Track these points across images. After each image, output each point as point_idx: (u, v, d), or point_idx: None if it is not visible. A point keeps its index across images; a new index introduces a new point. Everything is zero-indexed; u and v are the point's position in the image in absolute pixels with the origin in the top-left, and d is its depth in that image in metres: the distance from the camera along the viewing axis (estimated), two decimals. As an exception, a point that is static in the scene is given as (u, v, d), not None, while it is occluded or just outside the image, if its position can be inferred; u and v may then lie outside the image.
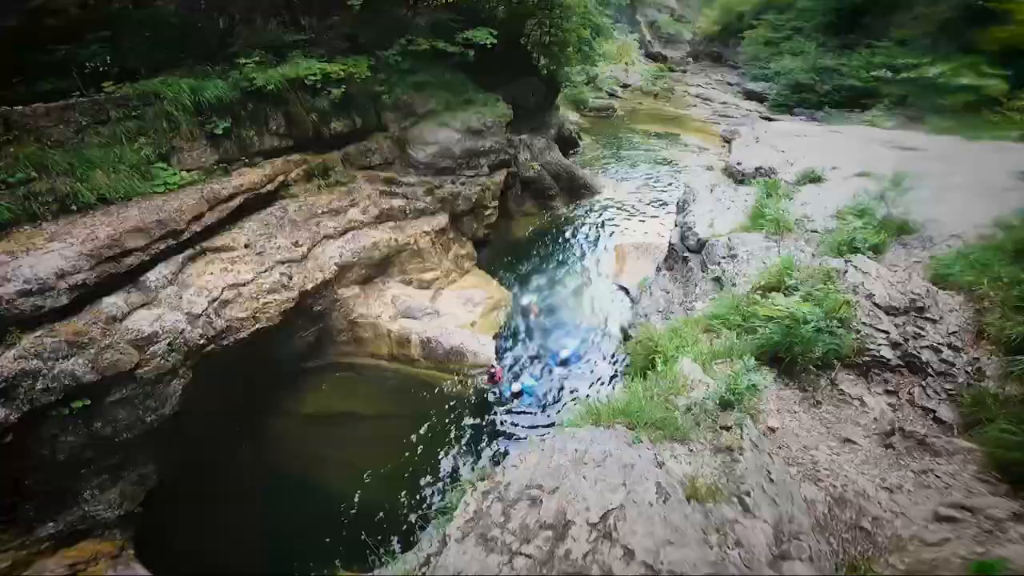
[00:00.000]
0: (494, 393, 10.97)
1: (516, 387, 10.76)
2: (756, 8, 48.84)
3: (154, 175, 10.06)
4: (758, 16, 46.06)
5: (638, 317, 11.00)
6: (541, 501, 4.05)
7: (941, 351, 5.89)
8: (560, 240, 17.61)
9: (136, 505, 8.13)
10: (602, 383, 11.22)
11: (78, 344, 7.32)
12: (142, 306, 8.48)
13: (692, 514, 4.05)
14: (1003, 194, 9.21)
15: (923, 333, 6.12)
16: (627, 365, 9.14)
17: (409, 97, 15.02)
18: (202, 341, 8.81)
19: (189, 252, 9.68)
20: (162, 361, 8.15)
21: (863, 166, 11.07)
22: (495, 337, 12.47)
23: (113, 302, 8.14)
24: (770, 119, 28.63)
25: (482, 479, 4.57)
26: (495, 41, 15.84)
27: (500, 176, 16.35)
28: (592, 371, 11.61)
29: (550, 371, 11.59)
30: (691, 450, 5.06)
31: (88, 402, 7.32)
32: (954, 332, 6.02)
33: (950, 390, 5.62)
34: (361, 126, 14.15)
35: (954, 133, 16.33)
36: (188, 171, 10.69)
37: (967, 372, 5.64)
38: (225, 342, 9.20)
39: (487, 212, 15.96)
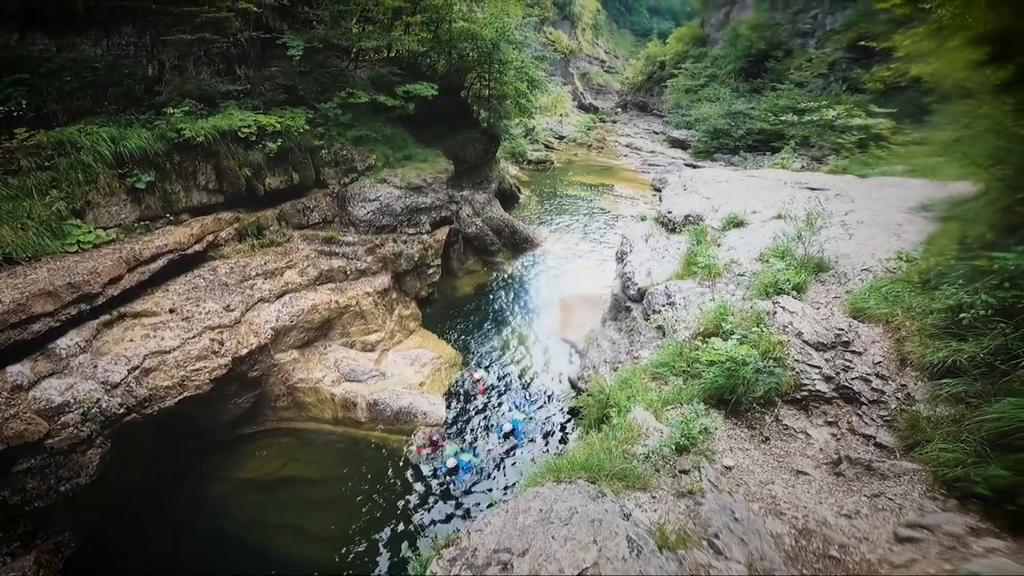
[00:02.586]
0: (431, 466, 10.21)
1: (451, 463, 9.94)
2: (676, 57, 52.99)
3: (66, 233, 9.36)
4: (678, 65, 49.71)
5: (586, 369, 11.00)
6: (512, 565, 3.88)
7: (870, 381, 6.29)
8: (504, 296, 17.56)
9: (54, 573, 7.67)
10: (552, 442, 10.93)
11: (-21, 413, 6.75)
12: (51, 375, 7.95)
13: (666, 564, 3.99)
14: (898, 228, 10.16)
15: (851, 365, 6.54)
16: (579, 418, 9.07)
17: (348, 152, 14.81)
18: (122, 410, 8.26)
19: (105, 318, 9.04)
20: (75, 431, 7.69)
21: (779, 208, 11.69)
22: (445, 396, 12.08)
23: (19, 371, 7.61)
24: (694, 166, 30.68)
25: (447, 545, 4.34)
26: (436, 93, 16.14)
27: (442, 233, 16.23)
28: (540, 434, 11.16)
29: (492, 445, 10.81)
30: (654, 497, 5.06)
31: (-8, 471, 6.75)
32: (879, 362, 6.45)
33: (885, 416, 5.96)
34: (299, 182, 13.74)
35: (850, 172, 18.07)
36: (105, 229, 10.01)
37: (897, 398, 6.01)
38: (149, 411, 8.61)
39: (430, 271, 15.69)
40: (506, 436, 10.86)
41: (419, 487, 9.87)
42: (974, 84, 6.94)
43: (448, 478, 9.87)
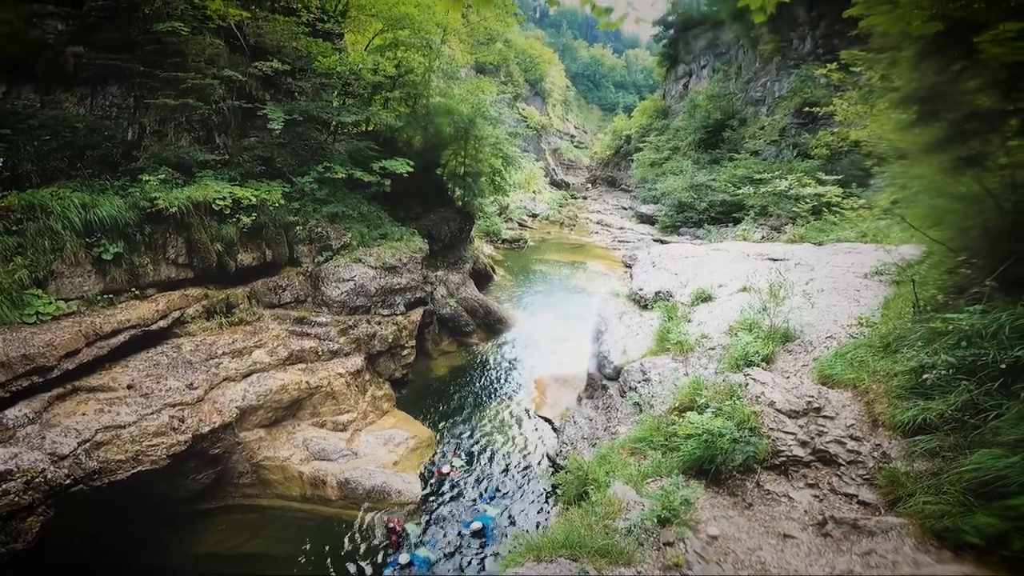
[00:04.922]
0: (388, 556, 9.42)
1: (404, 558, 9.09)
2: (641, 130, 54.97)
3: (26, 303, 9.08)
4: (643, 138, 51.57)
5: (564, 446, 10.73)
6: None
7: (845, 443, 6.31)
8: (480, 376, 17.25)
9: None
10: (530, 521, 10.31)
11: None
12: (-4, 443, 7.66)
13: (654, 651, 3.71)
14: (856, 294, 10.41)
15: (825, 430, 6.58)
16: (559, 494, 8.70)
17: (324, 229, 14.78)
18: (68, 481, 7.92)
19: (58, 390, 8.73)
20: (15, 498, 7.45)
21: (743, 280, 11.90)
22: (420, 476, 11.52)
23: (-38, 439, 7.24)
24: (662, 241, 31.32)
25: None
26: (411, 170, 16.36)
27: (417, 314, 16.08)
28: (515, 525, 10.31)
29: (459, 542, 9.81)
30: (639, 572, 4.83)
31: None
32: (852, 424, 6.50)
33: (864, 475, 5.95)
34: (271, 259, 13.57)
35: (807, 239, 18.74)
36: (67, 300, 9.72)
37: (874, 457, 6.02)
38: (98, 483, 8.24)
39: (404, 352, 15.36)
40: (475, 534, 9.79)
41: (393, 562, 9.20)
42: (906, 145, 6.99)
43: (402, 571, 9.05)
